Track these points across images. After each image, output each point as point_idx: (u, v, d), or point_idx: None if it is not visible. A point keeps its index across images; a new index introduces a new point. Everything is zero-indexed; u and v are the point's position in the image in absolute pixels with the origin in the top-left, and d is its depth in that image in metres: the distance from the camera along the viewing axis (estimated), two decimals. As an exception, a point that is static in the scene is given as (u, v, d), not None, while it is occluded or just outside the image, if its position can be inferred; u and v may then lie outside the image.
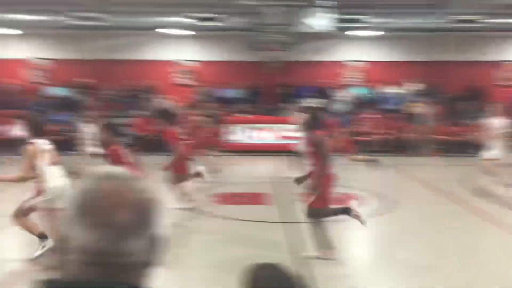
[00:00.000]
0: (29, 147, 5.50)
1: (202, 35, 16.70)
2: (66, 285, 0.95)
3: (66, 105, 15.69)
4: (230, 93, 16.87)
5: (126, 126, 12.37)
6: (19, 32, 16.53)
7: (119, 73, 16.87)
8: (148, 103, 15.91)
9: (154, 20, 15.91)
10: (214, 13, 15.62)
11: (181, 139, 7.98)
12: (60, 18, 15.70)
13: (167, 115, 8.17)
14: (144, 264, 1.00)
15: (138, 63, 17.15)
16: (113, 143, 6.04)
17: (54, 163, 5.65)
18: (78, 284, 0.95)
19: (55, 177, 5.59)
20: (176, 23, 15.94)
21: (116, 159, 5.81)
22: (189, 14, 15.57)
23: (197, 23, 15.67)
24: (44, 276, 0.98)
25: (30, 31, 16.45)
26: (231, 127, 15.23)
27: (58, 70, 17.12)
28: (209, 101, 16.66)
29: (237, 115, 15.66)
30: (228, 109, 15.93)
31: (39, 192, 5.56)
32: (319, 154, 5.64)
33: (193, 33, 16.42)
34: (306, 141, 5.91)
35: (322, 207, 5.63)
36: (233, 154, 13.95)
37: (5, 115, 15.13)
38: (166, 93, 16.41)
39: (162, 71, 17.36)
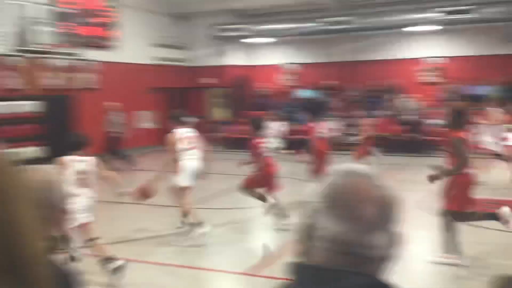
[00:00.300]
0: (169, 135, 6.44)
1: (450, 29, 15.78)
2: (315, 269, 1.03)
3: (313, 106, 16.63)
4: (482, 90, 15.53)
5: (369, 126, 12.49)
6: (273, 40, 18.19)
7: (363, 74, 17.15)
8: (391, 103, 15.80)
9: (400, 18, 15.70)
10: (465, 5, 14.63)
11: (319, 135, 8.85)
12: (310, 24, 16.74)
13: (314, 111, 9.52)
14: (384, 258, 1.05)
15: (382, 63, 17.12)
16: (255, 137, 6.86)
17: (192, 147, 6.47)
18: (325, 269, 1.02)
19: (191, 159, 6.40)
20: (423, 19, 15.42)
21: (254, 151, 6.71)
22: (438, 9, 14.91)
23: (445, 17, 14.89)
24: (293, 260, 1.07)
25: (282, 39, 17.94)
26: (482, 128, 14.00)
27: (306, 74, 18.27)
28: (456, 99, 15.69)
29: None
30: (478, 107, 14.71)
31: (178, 172, 6.33)
32: (455, 154, 5.36)
33: (440, 28, 15.64)
34: (447, 141, 5.63)
35: (458, 209, 5.38)
36: (485, 157, 12.78)
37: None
38: (410, 92, 16.04)
39: (406, 70, 16.99)
